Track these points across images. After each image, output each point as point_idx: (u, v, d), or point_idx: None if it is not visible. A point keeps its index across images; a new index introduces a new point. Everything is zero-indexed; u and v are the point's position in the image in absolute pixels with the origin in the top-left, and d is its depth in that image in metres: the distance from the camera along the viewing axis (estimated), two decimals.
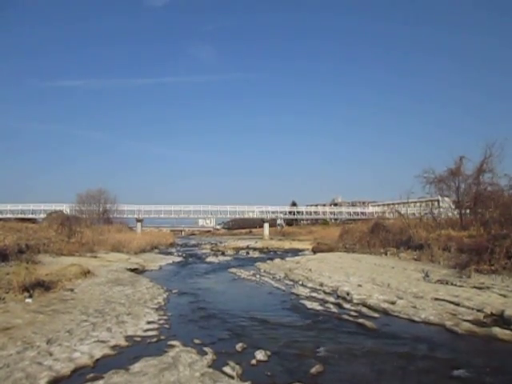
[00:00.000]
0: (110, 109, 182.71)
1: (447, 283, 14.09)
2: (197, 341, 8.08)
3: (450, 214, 30.88)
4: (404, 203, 38.49)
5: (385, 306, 11.18)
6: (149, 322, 9.57)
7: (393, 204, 54.11)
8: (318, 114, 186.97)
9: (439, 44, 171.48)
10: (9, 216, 61.21)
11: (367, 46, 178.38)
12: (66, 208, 56.62)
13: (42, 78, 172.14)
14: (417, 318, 9.84)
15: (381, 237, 28.60)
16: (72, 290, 13.55)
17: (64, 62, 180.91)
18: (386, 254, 25.27)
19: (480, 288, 12.74)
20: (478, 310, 9.99)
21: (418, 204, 45.57)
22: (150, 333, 8.67)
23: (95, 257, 25.37)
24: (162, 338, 8.34)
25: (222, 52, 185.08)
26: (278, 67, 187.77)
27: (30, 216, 63.17)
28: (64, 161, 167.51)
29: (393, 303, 11.37)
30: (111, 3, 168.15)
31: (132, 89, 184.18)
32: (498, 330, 8.33)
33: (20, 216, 61.25)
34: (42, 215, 58.72)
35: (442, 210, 33.55)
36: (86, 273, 17.25)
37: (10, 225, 28.55)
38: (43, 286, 12.50)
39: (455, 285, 13.70)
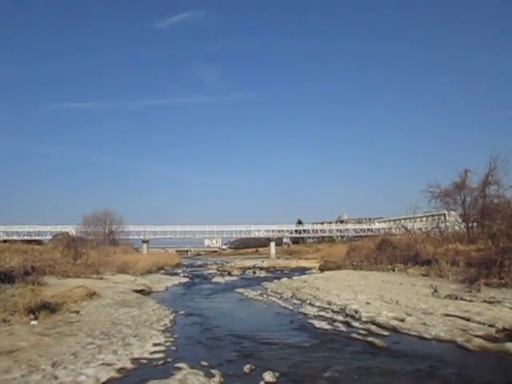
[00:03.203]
0: (114, 131, 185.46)
1: (457, 298, 13.89)
2: (204, 363, 7.96)
3: (456, 228, 30.67)
4: (410, 218, 38.34)
5: (394, 323, 11.00)
6: (155, 344, 9.46)
7: (399, 219, 53.92)
8: (321, 134, 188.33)
9: (439, 58, 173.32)
10: (15, 238, 61.42)
11: (368, 66, 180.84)
12: (71, 230, 56.65)
13: (50, 101, 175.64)
14: (427, 335, 9.67)
15: (388, 253, 28.32)
16: (78, 312, 13.46)
17: (70, 85, 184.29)
18: (393, 271, 25.00)
19: (490, 302, 12.55)
20: (490, 325, 9.81)
21: (424, 219, 45.41)
22: (156, 355, 8.56)
23: (101, 278, 25.25)
24: (169, 360, 8.23)
25: (225, 73, 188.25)
26: (281, 88, 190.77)
27: (36, 238, 63.20)
28: (70, 183, 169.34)
29: (402, 320, 11.19)
30: (117, 27, 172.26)
31: (137, 111, 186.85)
32: (511, 346, 8.16)
33: (26, 238, 61.38)
34: (48, 237, 58.72)
35: (448, 224, 33.35)
36: (92, 294, 17.15)
37: (16, 246, 28.49)
38: (49, 308, 12.43)
39: (465, 300, 13.50)
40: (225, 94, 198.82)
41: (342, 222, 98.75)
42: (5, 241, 50.62)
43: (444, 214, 37.45)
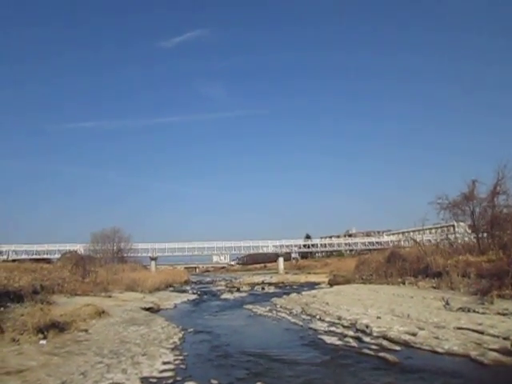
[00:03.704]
0: (121, 150, 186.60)
1: (469, 311, 13.68)
2: (214, 381, 7.88)
3: (466, 239, 30.27)
4: (419, 230, 38.04)
5: (406, 337, 10.84)
6: (164, 363, 9.38)
7: (408, 232, 53.52)
8: (328, 148, 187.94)
9: (443, 67, 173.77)
10: (24, 257, 61.60)
11: (374, 78, 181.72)
12: (80, 248, 56.82)
13: (58, 122, 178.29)
14: (440, 350, 9.50)
15: (397, 266, 28.05)
16: (86, 330, 13.41)
17: (78, 105, 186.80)
18: (403, 284, 24.71)
19: (504, 314, 12.34)
20: (504, 338, 9.61)
21: (433, 230, 44.89)
22: (165, 374, 8.49)
23: (110, 296, 25.21)
24: (178, 378, 8.15)
25: (231, 90, 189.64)
26: (288, 103, 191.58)
27: (45, 256, 63.45)
28: (78, 201, 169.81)
29: (414, 334, 11.02)
30: (124, 46, 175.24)
31: (143, 130, 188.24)
32: None
33: (35, 257, 61.55)
34: (57, 255, 58.95)
35: (458, 235, 32.95)
36: (101, 313, 17.11)
37: (25, 265, 28.62)
38: (57, 327, 12.41)
39: (477, 312, 13.29)
40: (231, 110, 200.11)
41: (350, 235, 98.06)
42: (14, 260, 50.89)
43: (453, 226, 37.05)
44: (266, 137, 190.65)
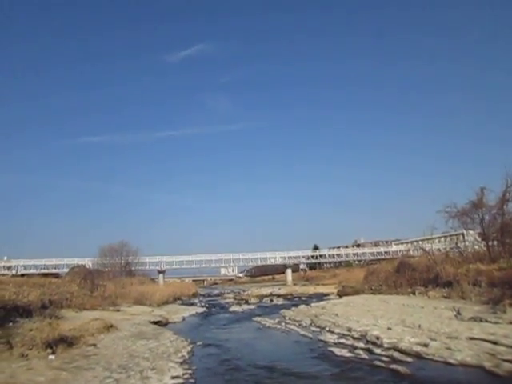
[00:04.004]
0: (127, 163, 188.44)
1: (481, 320, 13.45)
2: None
3: (476, 248, 29.95)
4: (428, 239, 37.66)
5: (417, 349, 10.67)
6: (173, 377, 9.31)
7: (416, 241, 53.03)
8: (334, 159, 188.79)
9: (450, 76, 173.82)
10: (33, 271, 61.89)
11: (380, 88, 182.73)
12: (88, 262, 56.96)
13: (64, 136, 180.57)
14: (453, 361, 9.33)
15: (407, 276, 27.77)
16: (95, 345, 13.35)
17: (83, 120, 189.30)
18: (413, 294, 24.43)
19: None
20: None
21: (442, 239, 44.48)
22: None
23: (118, 310, 25.15)
24: None
25: (237, 102, 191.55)
26: (294, 114, 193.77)
27: (54, 271, 63.68)
28: (86, 215, 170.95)
29: (426, 345, 10.84)
30: (130, 61, 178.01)
31: (149, 143, 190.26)
32: None
33: (43, 271, 61.78)
34: (65, 270, 59.07)
35: (467, 243, 32.59)
36: (109, 327, 17.04)
37: (33, 280, 28.70)
38: (66, 341, 12.37)
39: (490, 322, 13.07)
40: (237, 122, 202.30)
41: (358, 245, 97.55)
42: (23, 275, 51.09)
43: (462, 234, 36.66)
44: (272, 148, 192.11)
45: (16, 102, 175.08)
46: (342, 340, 13.43)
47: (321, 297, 37.45)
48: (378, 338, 12.50)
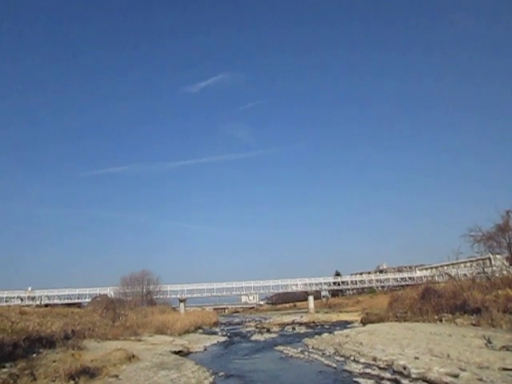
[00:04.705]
0: (149, 191, 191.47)
1: None
2: None
3: (504, 273, 29.03)
4: (453, 264, 36.82)
5: (447, 379, 10.27)
6: None
7: (441, 266, 51.88)
8: (357, 183, 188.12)
9: (476, 97, 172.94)
10: (56, 301, 62.53)
11: (403, 107, 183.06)
12: (110, 291, 57.26)
13: (85, 167, 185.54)
14: None
15: (433, 302, 27.00)
16: (117, 376, 13.29)
17: (106, 152, 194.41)
18: (440, 321, 23.70)
19: None
20: None
21: (468, 264, 43.40)
22: None
23: (139, 340, 25.06)
24: None
25: (256, 129, 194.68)
26: (315, 140, 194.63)
27: (76, 301, 64.18)
28: (108, 244, 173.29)
29: (456, 376, 10.44)
30: (151, 92, 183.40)
31: (171, 171, 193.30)
32: None
33: (66, 301, 62.38)
34: (88, 299, 59.53)
35: (495, 268, 31.65)
36: (131, 357, 16.96)
37: (57, 310, 29.06)
38: (88, 373, 12.36)
39: None
40: (256, 149, 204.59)
41: (381, 271, 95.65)
42: (46, 305, 51.72)
43: (489, 258, 35.71)
44: (294, 173, 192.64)
45: (44, 134, 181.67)
46: (368, 370, 13.07)
47: (344, 324, 36.71)
48: (405, 368, 12.12)
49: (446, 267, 42.53)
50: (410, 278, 74.45)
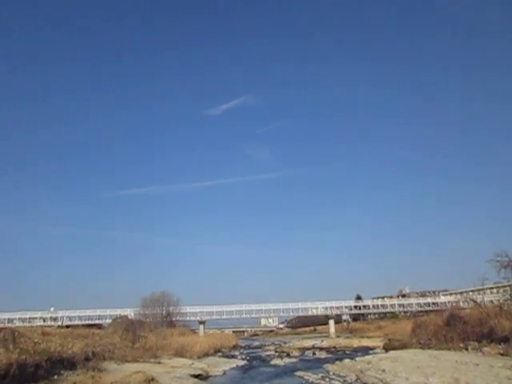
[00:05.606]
0: (169, 213, 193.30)
1: None
2: None
3: None
4: (479, 290, 35.73)
5: None
6: None
7: (466, 292, 50.44)
8: (375, 204, 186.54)
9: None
10: (77, 322, 63.02)
11: (425, 125, 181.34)
12: (130, 312, 57.49)
13: (107, 189, 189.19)
14: None
15: (458, 330, 26.23)
16: None
17: (128, 173, 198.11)
18: (466, 350, 22.94)
19: None
20: None
21: (494, 290, 42.13)
22: None
23: (159, 362, 25.00)
24: None
25: (276, 151, 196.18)
26: (333, 163, 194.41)
27: (97, 321, 64.55)
28: (128, 265, 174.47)
29: None
30: (173, 114, 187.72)
31: (191, 192, 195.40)
32: None
33: (87, 322, 62.77)
34: (108, 320, 59.84)
35: None
36: (150, 380, 16.95)
37: (78, 331, 29.33)
38: None
39: None
40: (275, 170, 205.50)
41: (403, 295, 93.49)
42: (68, 326, 52.21)
43: None
44: (315, 195, 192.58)
45: (67, 154, 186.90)
46: None
47: (366, 350, 35.92)
48: None
49: (471, 293, 41.27)
50: (433, 304, 72.57)
